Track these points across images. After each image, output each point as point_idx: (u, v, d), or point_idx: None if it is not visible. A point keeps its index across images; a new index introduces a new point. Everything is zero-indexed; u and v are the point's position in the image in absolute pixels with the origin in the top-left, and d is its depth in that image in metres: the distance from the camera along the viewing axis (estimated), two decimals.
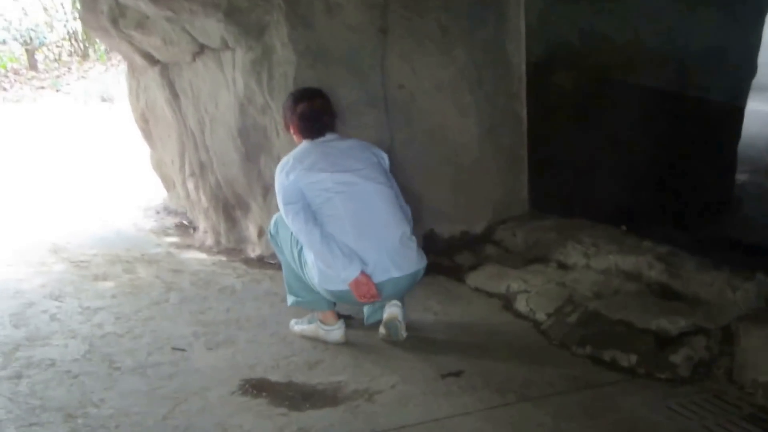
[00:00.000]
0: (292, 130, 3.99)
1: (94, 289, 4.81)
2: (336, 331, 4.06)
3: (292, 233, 3.87)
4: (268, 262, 5.26)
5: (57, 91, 13.76)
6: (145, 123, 6.30)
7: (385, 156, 4.02)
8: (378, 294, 3.76)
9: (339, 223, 3.76)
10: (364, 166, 3.88)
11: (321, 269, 3.78)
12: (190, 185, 5.76)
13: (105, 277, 5.01)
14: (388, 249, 3.80)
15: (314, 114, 3.91)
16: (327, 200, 3.78)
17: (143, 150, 6.89)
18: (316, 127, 3.91)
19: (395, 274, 3.81)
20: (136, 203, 6.69)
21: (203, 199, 5.64)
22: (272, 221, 4.02)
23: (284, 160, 3.88)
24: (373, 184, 3.86)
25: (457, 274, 4.91)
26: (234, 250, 5.52)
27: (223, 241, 5.58)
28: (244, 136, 5.06)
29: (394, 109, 5.00)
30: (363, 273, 3.71)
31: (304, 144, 3.90)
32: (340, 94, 4.66)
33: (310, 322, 4.16)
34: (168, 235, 5.94)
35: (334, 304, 4.00)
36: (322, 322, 4.08)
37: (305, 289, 3.97)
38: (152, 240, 5.82)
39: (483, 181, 5.36)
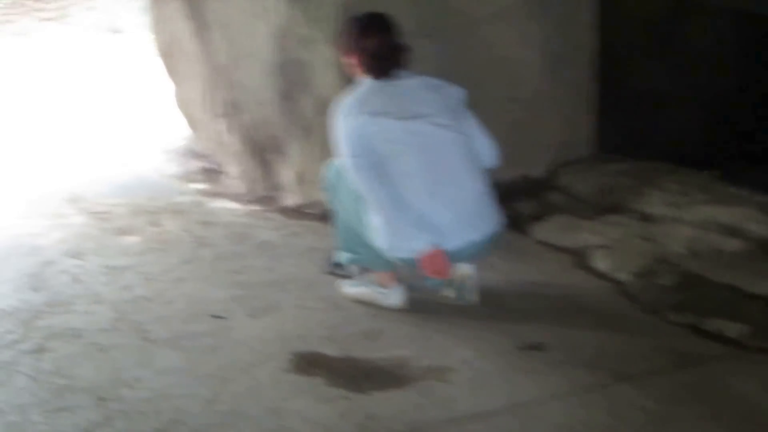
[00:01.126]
0: (352, 61, 3.58)
1: (117, 245, 4.47)
2: (395, 295, 3.72)
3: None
4: (308, 212, 4.89)
5: (65, 22, 13.31)
6: (170, 58, 5.89)
7: (460, 93, 3.60)
8: (450, 268, 3.45)
9: (409, 181, 3.40)
10: (435, 111, 3.49)
11: (389, 234, 3.41)
12: (221, 126, 5.37)
13: (129, 231, 4.66)
14: (464, 208, 3.45)
15: (388, 51, 3.50)
16: (397, 154, 3.41)
17: (163, 86, 6.47)
18: (388, 66, 3.50)
19: (473, 236, 3.46)
20: (158, 145, 6.30)
21: (234, 141, 5.26)
22: (331, 168, 3.63)
23: (345, 101, 3.48)
24: (447, 132, 3.48)
25: (518, 224, 4.51)
26: (269, 199, 5.16)
27: (257, 188, 5.21)
28: (283, 72, 4.67)
29: (451, 40, 4.58)
30: (435, 246, 3.35)
31: (368, 83, 3.51)
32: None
33: (365, 284, 3.80)
34: (194, 181, 5.56)
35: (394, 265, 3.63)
36: (380, 284, 3.72)
37: (363, 245, 3.62)
38: (178, 187, 5.45)
39: (545, 119, 4.98)
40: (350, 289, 3.86)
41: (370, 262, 3.71)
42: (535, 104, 4.91)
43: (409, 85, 3.54)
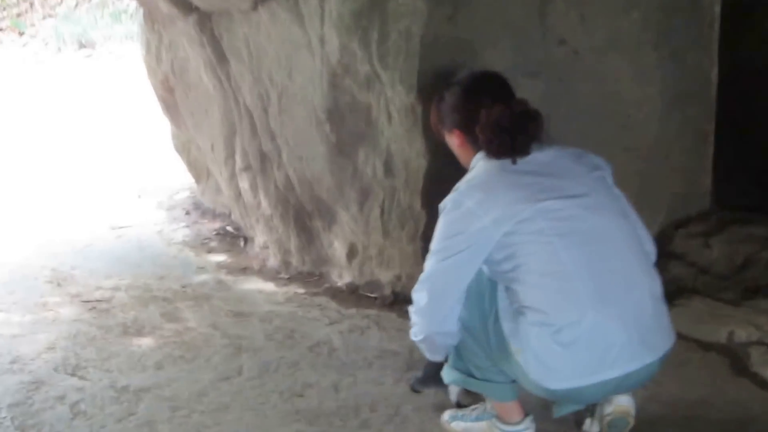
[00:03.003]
0: (455, 139, 2.80)
1: (126, 352, 3.59)
2: None
3: (488, 286, 2.70)
4: (367, 296, 4.05)
5: (20, 33, 12.36)
6: (169, 92, 5.02)
7: (606, 166, 2.78)
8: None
9: (568, 285, 2.54)
10: (588, 189, 2.65)
11: (543, 359, 2.58)
12: (244, 183, 4.50)
13: (139, 330, 3.79)
14: (642, 320, 2.60)
15: (521, 122, 2.66)
16: (547, 252, 2.55)
17: (154, 124, 5.57)
18: (521, 142, 2.66)
19: (649, 358, 2.60)
20: (155, 199, 5.42)
21: (264, 203, 4.39)
22: None
23: (463, 190, 2.64)
24: (607, 216, 2.64)
25: None
26: (311, 276, 4.31)
27: (294, 261, 4.36)
28: (336, 119, 3.82)
29: (552, 74, 3.75)
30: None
31: (486, 165, 2.68)
32: (489, 60, 3.43)
33: (478, 418, 2.95)
34: (211, 251, 4.71)
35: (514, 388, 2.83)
36: (500, 418, 2.87)
37: (484, 364, 2.79)
38: (191, 260, 4.59)
39: (661, 168, 4.15)
40: (458, 424, 3.00)
41: (488, 387, 2.85)
42: (653, 151, 4.09)
43: (544, 160, 2.71)
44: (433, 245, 2.67)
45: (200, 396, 3.25)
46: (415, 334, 2.77)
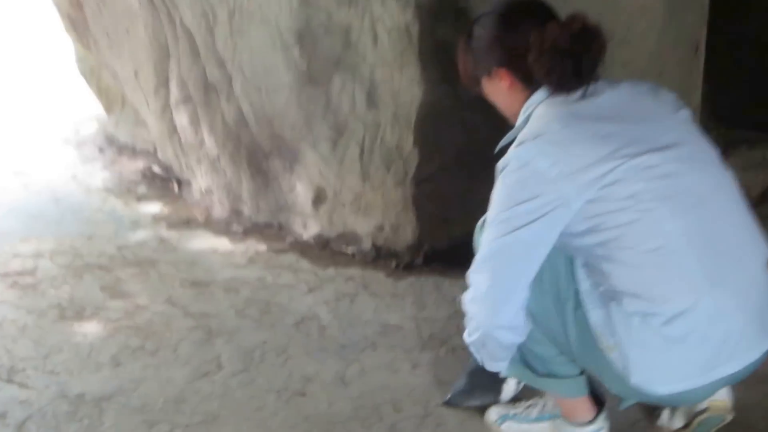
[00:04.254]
0: (506, 83, 2.14)
1: (70, 344, 2.85)
2: None
3: (562, 262, 2.07)
4: (340, 251, 3.39)
5: None
6: (77, 8, 4.13)
7: (677, 98, 2.17)
8: None
9: (672, 262, 1.96)
10: (679, 137, 2.03)
11: (648, 357, 1.98)
12: (181, 118, 3.71)
13: (78, 312, 3.03)
14: (755, 300, 2.03)
15: (582, 40, 2.01)
16: (636, 220, 1.93)
17: (55, 42, 4.65)
18: (588, 65, 2.01)
19: (766, 344, 2.03)
20: (58, 133, 4.53)
21: (208, 141, 3.63)
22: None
23: (529, 144, 1.99)
24: (706, 170, 2.05)
25: None
26: (269, 228, 3.61)
27: (247, 210, 3.63)
28: (307, 42, 3.11)
29: None
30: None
31: (549, 110, 2.04)
32: None
33: (539, 418, 2.37)
34: (141, 199, 3.93)
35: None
36: (567, 418, 2.29)
37: (549, 353, 2.19)
38: (120, 212, 3.81)
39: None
40: (510, 426, 2.41)
41: (554, 383, 2.27)
42: (650, 67, 3.50)
43: (620, 100, 2.08)
44: (493, 215, 2.02)
45: (178, 403, 2.55)
46: (470, 332, 2.14)
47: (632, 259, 1.95)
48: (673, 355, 1.97)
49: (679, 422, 2.38)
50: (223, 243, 3.50)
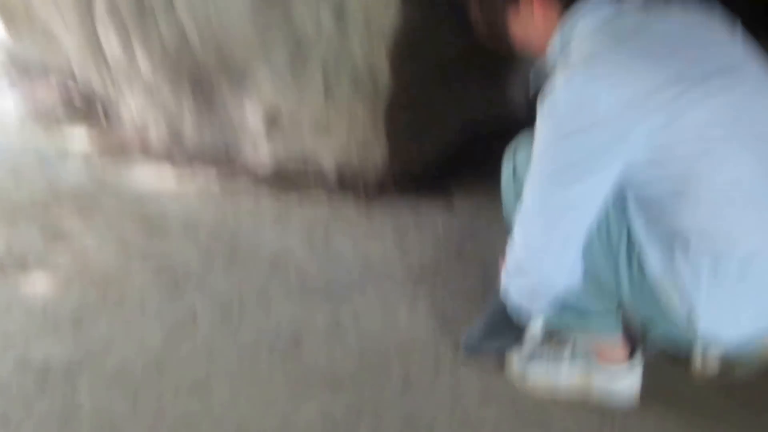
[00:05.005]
0: (537, 5, 1.84)
1: (19, 302, 2.47)
2: (630, 377, 2.09)
3: (614, 200, 1.76)
4: (301, 176, 3.06)
5: None
6: None
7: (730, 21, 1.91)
8: None
9: (747, 197, 1.70)
10: (738, 58, 1.75)
11: (719, 302, 1.74)
12: (108, 36, 3.25)
13: (22, 263, 2.64)
14: None
15: None
16: (706, 152, 1.66)
17: None
18: None
19: None
20: None
21: (143, 62, 3.20)
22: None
23: (579, 69, 1.68)
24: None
25: None
26: (215, 154, 3.22)
27: (188, 135, 3.25)
28: None
29: None
30: None
31: (594, 27, 1.74)
32: None
33: (569, 360, 2.14)
34: (63, 126, 3.46)
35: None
36: (601, 358, 2.08)
37: (590, 296, 1.91)
38: (43, 143, 3.34)
39: None
40: (539, 373, 2.18)
41: (589, 321, 2.03)
42: None
43: (673, 18, 1.80)
44: (540, 159, 1.72)
45: (160, 366, 2.22)
46: (515, 282, 1.87)
47: (705, 194, 1.69)
48: (746, 296, 1.75)
49: (713, 367, 2.19)
50: (167, 172, 3.11)
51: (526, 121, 2.91)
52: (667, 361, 2.18)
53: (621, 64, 1.63)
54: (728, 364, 2.12)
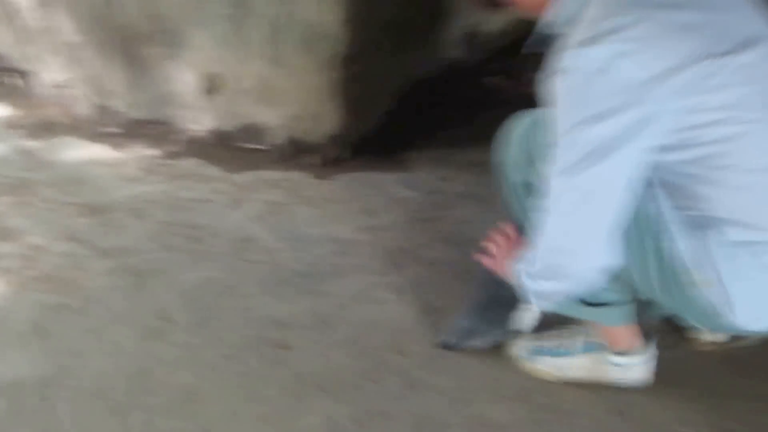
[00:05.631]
0: None
1: None
2: (641, 364, 2.02)
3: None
4: (246, 147, 2.88)
5: None
6: None
7: None
8: None
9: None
10: (764, 27, 1.63)
11: (754, 292, 1.67)
12: None
13: None
14: None
15: None
16: (740, 132, 1.56)
17: None
18: None
19: None
20: None
21: (65, 25, 2.90)
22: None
23: (603, 39, 1.51)
24: None
25: None
26: (151, 126, 2.99)
27: (119, 106, 2.99)
28: None
29: None
30: None
31: None
32: None
33: (586, 349, 2.04)
34: None
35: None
36: (612, 348, 2.00)
37: (606, 285, 1.81)
38: None
39: None
40: (547, 362, 2.10)
41: (604, 312, 1.95)
42: None
43: None
44: (562, 140, 1.58)
45: (143, 379, 2.02)
46: (542, 294, 1.77)
47: (737, 180, 1.59)
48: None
49: (722, 335, 2.14)
50: (104, 152, 2.87)
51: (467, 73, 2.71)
52: (671, 329, 2.15)
53: (650, 39, 1.49)
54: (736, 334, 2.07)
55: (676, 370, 2.07)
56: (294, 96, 2.76)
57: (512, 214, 1.92)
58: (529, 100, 1.84)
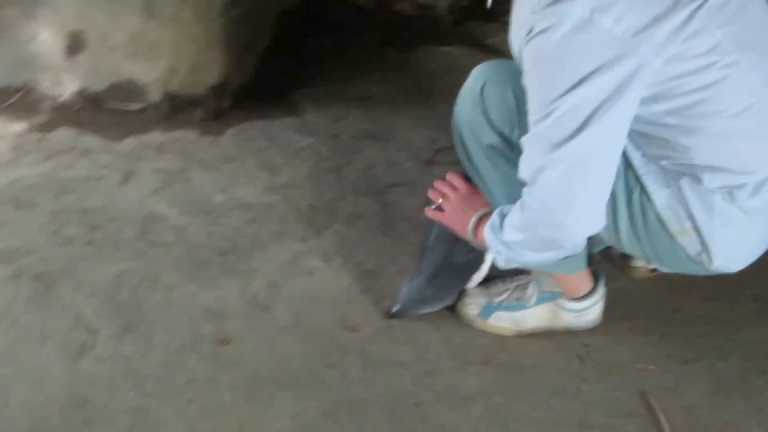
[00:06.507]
0: None
1: None
2: (595, 307, 1.98)
3: None
4: (120, 109, 2.60)
5: None
6: None
7: None
8: None
9: (764, 123, 1.55)
10: None
11: (731, 237, 1.65)
12: None
13: None
14: None
15: None
16: (720, 78, 1.48)
17: None
18: None
19: None
20: None
21: None
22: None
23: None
24: None
25: None
26: (5, 94, 2.65)
27: None
28: None
29: None
30: None
31: None
32: None
33: (540, 300, 1.97)
34: None
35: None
36: (567, 295, 1.95)
37: None
38: None
39: None
40: (501, 317, 2.01)
41: (560, 264, 1.87)
42: None
43: None
44: (546, 106, 1.46)
45: (80, 408, 1.79)
46: (521, 260, 1.66)
47: (718, 127, 1.52)
48: (756, 228, 1.65)
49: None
50: None
51: None
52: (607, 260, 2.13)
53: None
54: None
55: (620, 303, 2.03)
56: (169, 48, 2.48)
57: (475, 176, 1.78)
58: (398, 21, 1.68)
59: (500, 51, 3.09)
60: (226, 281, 2.04)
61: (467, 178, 1.84)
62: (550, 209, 1.50)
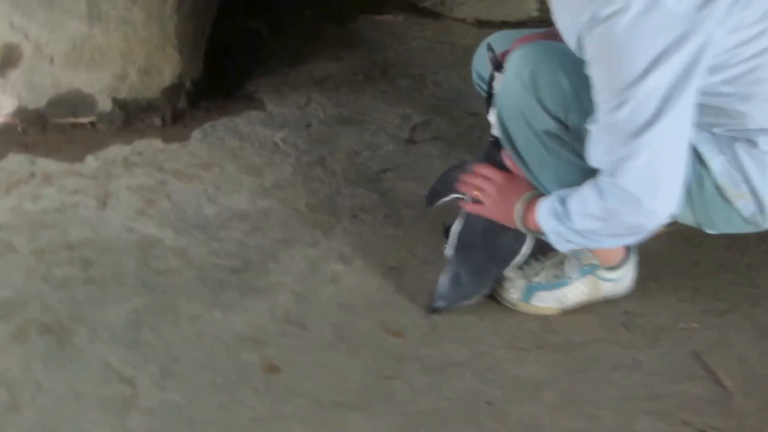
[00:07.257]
0: None
1: None
2: (630, 273, 1.98)
3: None
4: (71, 125, 2.39)
5: None
6: None
7: None
8: None
9: None
10: None
11: None
12: None
13: None
14: None
15: None
16: (764, 50, 1.48)
17: None
18: None
19: None
20: None
21: None
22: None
23: None
24: None
25: None
26: None
27: None
28: None
29: None
30: None
31: None
32: None
33: (581, 275, 1.94)
34: None
35: None
36: (603, 266, 1.94)
37: None
38: None
39: None
40: (544, 297, 1.96)
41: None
42: None
43: None
44: (612, 100, 1.43)
45: None
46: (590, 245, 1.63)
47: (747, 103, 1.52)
48: None
49: None
50: None
51: None
52: None
53: None
54: None
55: (642, 263, 2.00)
56: (118, 53, 2.25)
57: (520, 162, 1.71)
58: None
59: (437, 14, 2.99)
60: (250, 302, 1.89)
61: (495, 164, 1.77)
62: (638, 198, 1.46)
